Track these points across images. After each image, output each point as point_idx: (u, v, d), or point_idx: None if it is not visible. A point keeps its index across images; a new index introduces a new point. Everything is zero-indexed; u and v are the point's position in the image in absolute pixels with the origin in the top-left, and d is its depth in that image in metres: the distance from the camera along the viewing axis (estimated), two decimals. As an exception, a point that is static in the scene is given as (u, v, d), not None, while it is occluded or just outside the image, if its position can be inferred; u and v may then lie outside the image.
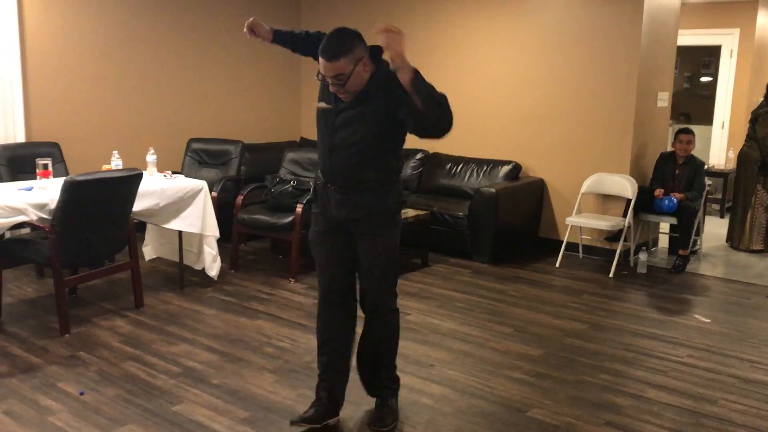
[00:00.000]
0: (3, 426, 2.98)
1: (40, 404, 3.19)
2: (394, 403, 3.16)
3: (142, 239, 5.39)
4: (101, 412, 3.13)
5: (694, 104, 9.69)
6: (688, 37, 8.45)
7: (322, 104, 2.90)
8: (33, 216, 4.03)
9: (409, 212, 5.68)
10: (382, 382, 3.16)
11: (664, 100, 6.30)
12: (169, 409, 3.18)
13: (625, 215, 5.80)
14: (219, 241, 5.07)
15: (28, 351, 3.80)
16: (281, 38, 3.18)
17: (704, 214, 6.52)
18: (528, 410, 3.27)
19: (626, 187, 5.78)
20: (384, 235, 2.95)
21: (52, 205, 4.06)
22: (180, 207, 4.78)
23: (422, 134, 2.76)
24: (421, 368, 3.72)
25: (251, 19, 3.06)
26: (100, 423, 3.03)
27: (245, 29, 3.08)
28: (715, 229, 7.35)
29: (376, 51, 2.81)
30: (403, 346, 3.98)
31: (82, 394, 3.30)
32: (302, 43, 3.18)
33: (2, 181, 5.16)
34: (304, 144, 7.53)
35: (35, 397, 3.26)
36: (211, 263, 4.99)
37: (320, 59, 2.69)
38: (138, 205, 4.45)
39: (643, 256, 5.75)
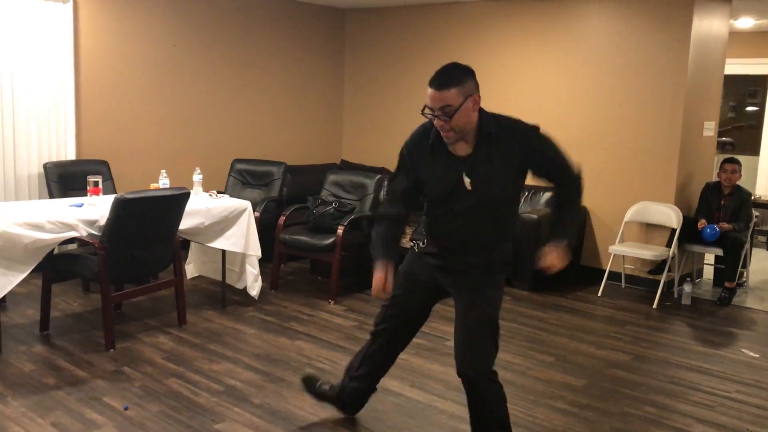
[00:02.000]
0: (50, 438, 3.04)
1: (86, 417, 3.24)
2: None
3: (185, 257, 5.47)
4: (145, 428, 3.16)
5: (739, 134, 9.53)
6: (734, 66, 8.34)
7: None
8: (83, 232, 4.13)
9: (449, 237, 5.66)
10: None
11: (710, 129, 6.22)
12: (211, 426, 3.20)
13: (669, 245, 5.71)
14: (260, 261, 5.12)
15: (75, 364, 3.87)
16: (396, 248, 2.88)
17: (751, 246, 6.37)
18: (571, 441, 3.22)
19: (671, 216, 5.69)
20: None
21: (102, 221, 4.15)
22: (224, 226, 4.85)
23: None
24: (461, 395, 3.65)
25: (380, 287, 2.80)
26: (143, 438, 3.07)
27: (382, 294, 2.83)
28: (762, 261, 7.18)
29: None
30: (443, 372, 3.98)
31: (126, 408, 3.35)
32: (405, 218, 2.89)
33: (53, 197, 5.30)
34: (345, 166, 7.59)
35: (81, 411, 3.31)
36: (253, 283, 5.04)
37: (429, 91, 2.55)
38: (184, 224, 4.52)
39: (687, 288, 5.64)
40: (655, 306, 5.49)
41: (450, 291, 2.85)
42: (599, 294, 5.79)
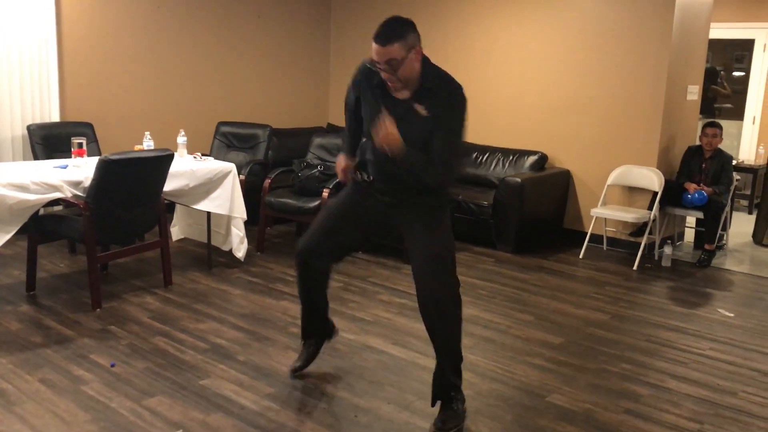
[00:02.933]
0: (39, 393, 3.10)
1: (73, 374, 3.30)
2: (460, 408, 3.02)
3: (170, 220, 5.50)
4: (132, 384, 3.23)
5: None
6: (721, 31, 8.36)
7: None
8: (68, 193, 4.15)
9: (434, 200, 5.72)
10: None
11: (694, 93, 6.26)
12: (196, 383, 3.27)
13: (650, 208, 5.79)
14: (246, 224, 5.16)
15: (62, 323, 3.92)
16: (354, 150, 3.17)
17: (731, 210, 6.48)
18: (547, 396, 3.31)
19: (653, 179, 5.76)
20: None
21: (87, 182, 4.16)
22: (209, 188, 4.87)
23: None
24: (442, 352, 3.76)
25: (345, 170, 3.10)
26: (130, 394, 3.13)
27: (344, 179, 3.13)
28: (742, 225, 7.29)
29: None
30: (424, 330, 4.03)
31: (113, 365, 3.41)
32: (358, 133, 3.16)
33: (37, 159, 5.29)
34: (332, 130, 7.59)
35: (69, 368, 3.37)
36: (239, 245, 5.08)
37: (373, 45, 2.68)
38: (168, 186, 4.54)
39: (668, 250, 5.74)
40: (635, 268, 5.59)
41: (398, 226, 3.00)
42: (581, 256, 5.87)
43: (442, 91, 2.76)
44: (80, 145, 4.57)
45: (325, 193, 5.25)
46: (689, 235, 6.57)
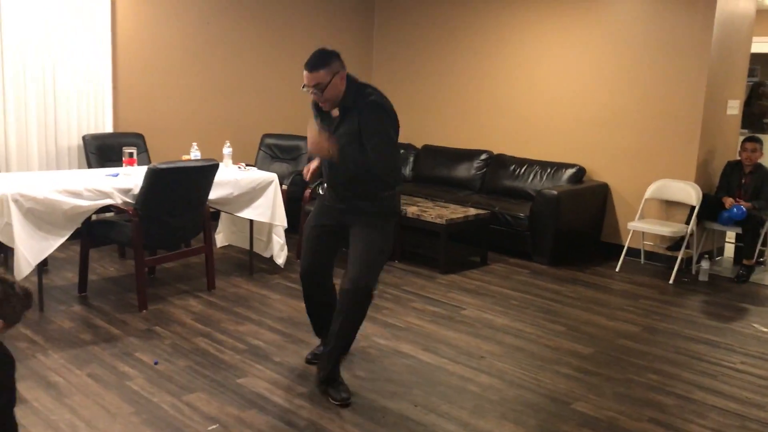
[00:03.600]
0: (88, 387, 3.30)
1: (119, 370, 3.50)
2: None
3: (215, 227, 5.72)
4: (173, 380, 3.41)
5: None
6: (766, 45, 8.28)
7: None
8: (118, 200, 4.38)
9: (470, 211, 5.83)
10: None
11: (734, 107, 6.24)
12: (234, 381, 3.44)
13: (688, 222, 5.78)
14: (286, 232, 5.34)
15: (110, 323, 4.15)
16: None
17: (773, 225, 6.40)
18: (572, 403, 3.38)
19: (691, 194, 5.76)
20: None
21: (136, 190, 4.40)
22: (252, 197, 5.07)
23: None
24: (471, 359, 3.87)
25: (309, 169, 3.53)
26: (171, 389, 3.32)
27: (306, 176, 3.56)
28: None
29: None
30: (456, 338, 4.16)
31: (156, 363, 3.60)
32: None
33: (91, 167, 5.58)
34: (373, 142, 7.74)
35: (115, 364, 3.57)
36: (279, 251, 5.26)
37: (304, 72, 3.20)
38: (214, 194, 4.75)
39: (705, 264, 5.72)
40: (671, 282, 5.59)
41: (349, 228, 3.37)
42: (617, 269, 5.89)
43: (359, 104, 3.21)
44: (131, 154, 4.82)
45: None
46: (729, 250, 6.52)
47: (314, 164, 3.50)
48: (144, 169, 4.62)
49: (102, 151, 5.72)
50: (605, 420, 3.22)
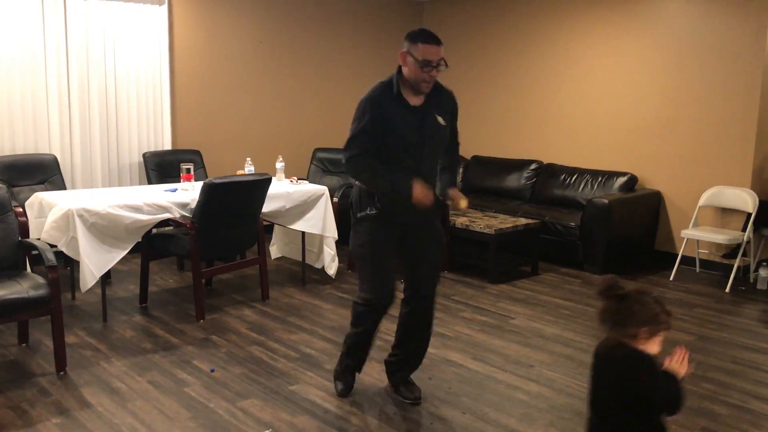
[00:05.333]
0: (148, 393, 3.45)
1: (177, 377, 3.65)
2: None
3: (269, 240, 5.87)
4: (228, 387, 3.54)
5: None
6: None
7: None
8: (176, 214, 4.56)
9: (519, 221, 5.83)
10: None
11: (792, 111, 6.08)
12: (286, 388, 3.54)
13: (744, 230, 5.66)
14: (337, 243, 5.45)
15: (169, 332, 4.31)
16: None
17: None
18: (622, 412, 3.36)
19: (746, 201, 5.64)
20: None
21: (193, 204, 4.57)
22: (304, 210, 5.20)
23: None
24: (520, 368, 3.89)
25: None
26: (226, 396, 3.44)
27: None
28: None
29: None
30: (505, 347, 4.18)
31: (212, 371, 3.73)
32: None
33: (151, 183, 5.81)
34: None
35: (173, 371, 3.72)
36: (330, 262, 5.37)
37: (428, 46, 3.09)
38: (267, 207, 4.90)
39: (763, 273, 5.58)
40: (728, 290, 5.48)
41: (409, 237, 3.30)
42: (671, 278, 5.81)
43: (445, 94, 3.28)
44: (188, 170, 5.00)
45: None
46: (790, 257, 6.35)
47: (424, 188, 3.08)
48: (199, 184, 4.80)
49: (161, 167, 5.95)
50: (656, 428, 3.19)
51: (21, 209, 4.54)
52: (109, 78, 5.83)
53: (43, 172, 5.46)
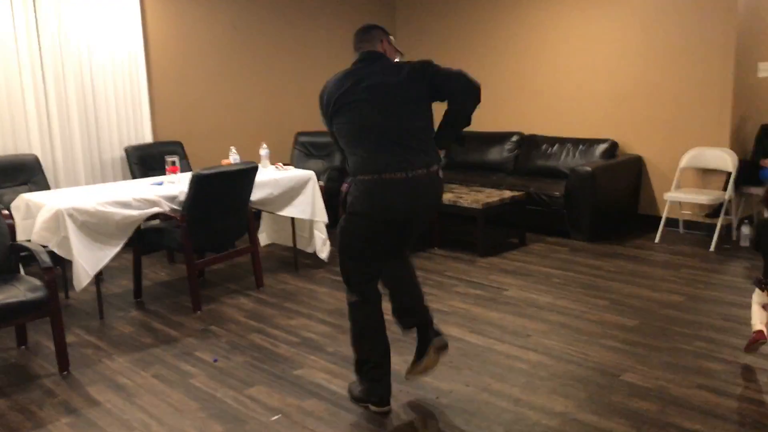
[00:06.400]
0: (154, 387, 3.47)
1: (181, 369, 3.67)
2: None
3: (258, 227, 5.87)
4: (233, 376, 3.57)
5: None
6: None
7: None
8: (166, 207, 4.55)
9: (505, 193, 5.89)
10: None
11: (765, 70, 6.18)
12: (291, 373, 3.59)
13: (725, 189, 5.77)
14: (327, 227, 5.48)
15: (167, 325, 4.32)
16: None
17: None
18: (621, 375, 3.45)
19: (726, 160, 5.75)
20: None
21: (182, 197, 4.56)
22: (292, 195, 5.21)
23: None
24: (518, 338, 3.96)
25: None
26: (233, 385, 3.47)
27: None
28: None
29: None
30: (501, 318, 4.25)
31: (216, 361, 3.76)
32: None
33: (135, 177, 5.78)
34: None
35: (177, 364, 3.74)
36: (322, 246, 5.40)
37: (393, 38, 3.36)
38: (255, 195, 4.90)
39: (746, 230, 5.71)
40: (712, 249, 5.60)
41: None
42: (657, 240, 5.92)
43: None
44: (173, 162, 4.98)
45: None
46: (770, 213, 6.48)
47: None
48: (186, 176, 4.80)
49: (144, 161, 5.91)
50: (654, 389, 3.29)
51: (7, 212, 4.52)
52: (85, 73, 5.77)
53: (26, 173, 5.40)
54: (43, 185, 5.40)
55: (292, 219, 5.38)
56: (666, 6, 6.01)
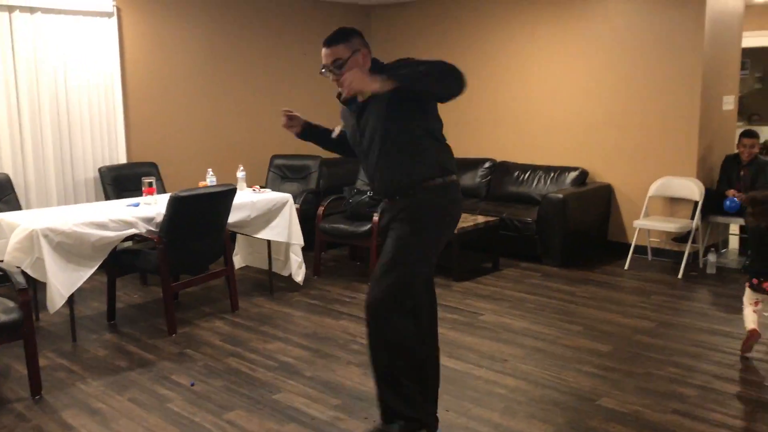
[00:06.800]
0: (131, 411, 3.42)
1: (158, 393, 3.63)
2: None
3: (233, 250, 5.84)
4: (211, 400, 3.54)
5: (766, 104, 9.61)
6: (758, 39, 8.46)
7: (337, 129, 3.19)
8: (142, 228, 4.52)
9: (479, 219, 5.97)
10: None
11: (729, 103, 6.40)
12: (269, 397, 3.57)
13: (692, 217, 5.92)
14: (302, 250, 5.47)
15: (142, 349, 4.27)
16: (311, 134, 3.39)
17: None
18: (598, 399, 3.51)
19: (693, 189, 5.91)
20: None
21: (158, 218, 4.53)
22: (269, 218, 5.21)
23: (443, 98, 2.88)
24: (495, 363, 4.00)
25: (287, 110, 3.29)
26: (211, 409, 3.44)
27: (283, 116, 3.32)
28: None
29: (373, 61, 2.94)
30: (478, 343, 4.29)
31: (193, 384, 3.72)
32: (332, 141, 3.32)
33: (109, 198, 5.72)
34: (377, 157, 7.89)
35: (153, 387, 3.70)
36: (297, 269, 5.40)
37: (322, 50, 2.88)
38: (232, 217, 4.89)
39: (712, 257, 5.86)
40: (680, 276, 5.73)
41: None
42: (626, 267, 6.03)
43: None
44: (150, 184, 4.95)
45: (376, 216, 5.54)
46: (735, 242, 6.66)
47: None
48: (164, 197, 4.77)
49: (118, 181, 5.86)
50: (631, 414, 3.35)
51: (-21, 232, 4.44)
52: (60, 93, 5.71)
53: (-3, 192, 5.32)
54: (15, 205, 5.32)
55: (269, 242, 5.37)
56: (636, 41, 6.19)
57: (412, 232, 2.86)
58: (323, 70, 2.91)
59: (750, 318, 4.07)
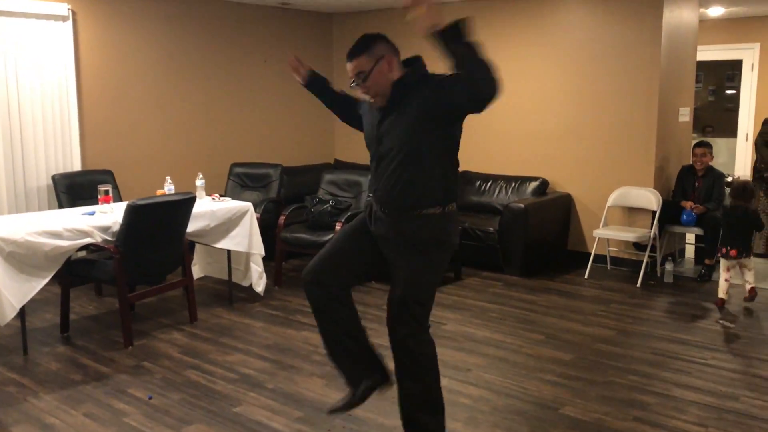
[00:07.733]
0: (86, 427, 3.31)
1: (114, 407, 3.52)
2: None
3: (191, 259, 5.74)
4: (170, 414, 3.45)
5: (719, 117, 9.86)
6: (711, 53, 8.68)
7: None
8: (98, 238, 4.40)
9: (442, 228, 5.96)
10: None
11: (685, 115, 6.53)
12: (230, 410, 3.49)
13: (650, 227, 6.01)
14: (263, 259, 5.40)
15: (97, 361, 4.15)
16: (316, 83, 3.40)
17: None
18: (560, 408, 3.51)
19: (651, 199, 6.00)
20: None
21: (115, 227, 4.42)
22: (228, 227, 5.13)
23: (477, 99, 2.81)
24: (458, 372, 3.98)
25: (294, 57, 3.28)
26: (169, 423, 3.35)
27: (291, 61, 3.32)
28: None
29: (413, 60, 2.96)
30: (441, 353, 4.24)
31: (150, 398, 3.62)
32: (334, 96, 3.38)
33: (62, 207, 5.56)
34: (339, 165, 7.87)
35: (109, 402, 3.59)
36: (258, 280, 5.32)
37: (346, 65, 2.88)
38: (191, 227, 4.79)
39: (669, 266, 5.95)
40: (638, 285, 5.81)
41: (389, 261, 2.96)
42: (586, 276, 6.10)
43: (420, 84, 2.82)
44: (106, 192, 4.83)
45: (338, 226, 5.50)
46: (690, 251, 6.79)
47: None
48: (120, 206, 4.66)
49: (72, 189, 5.70)
50: (593, 422, 3.36)
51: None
52: (12, 98, 5.54)
53: (-56, 200, 5.13)
54: (-37, 213, 5.14)
55: (228, 251, 5.28)
56: (595, 53, 6.28)
57: (425, 265, 2.88)
58: (352, 84, 2.89)
59: (722, 287, 5.19)
